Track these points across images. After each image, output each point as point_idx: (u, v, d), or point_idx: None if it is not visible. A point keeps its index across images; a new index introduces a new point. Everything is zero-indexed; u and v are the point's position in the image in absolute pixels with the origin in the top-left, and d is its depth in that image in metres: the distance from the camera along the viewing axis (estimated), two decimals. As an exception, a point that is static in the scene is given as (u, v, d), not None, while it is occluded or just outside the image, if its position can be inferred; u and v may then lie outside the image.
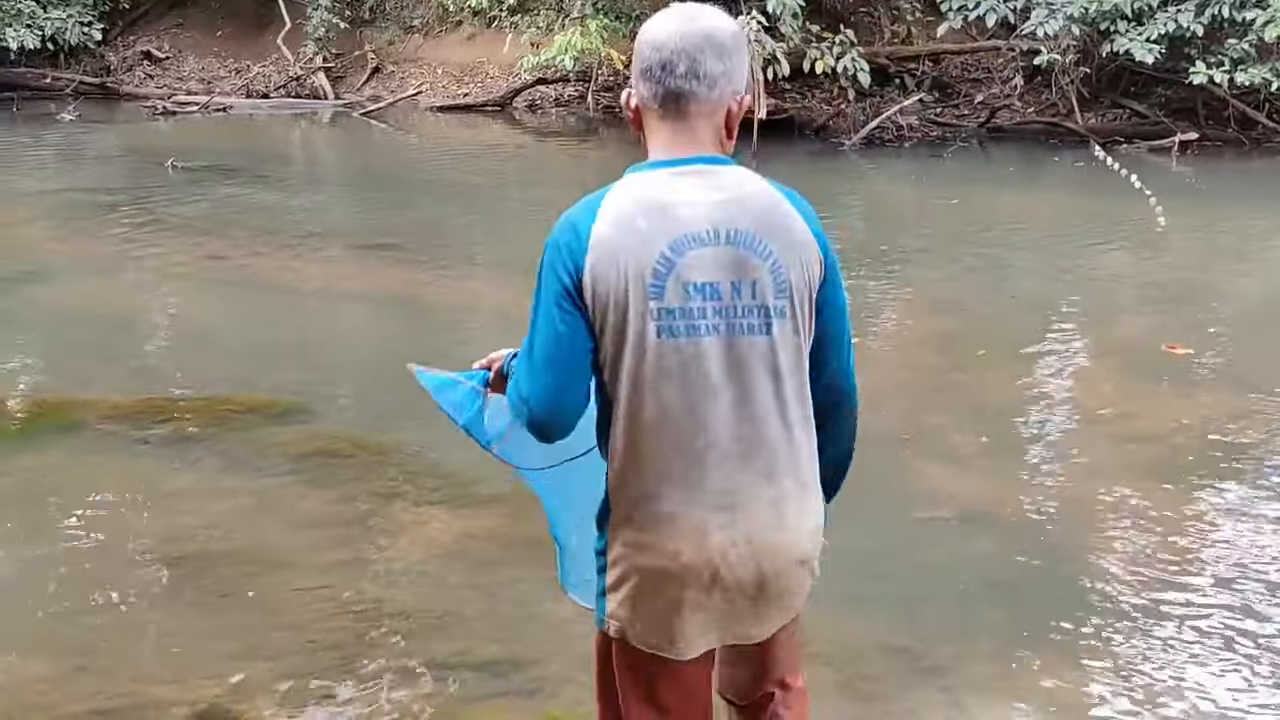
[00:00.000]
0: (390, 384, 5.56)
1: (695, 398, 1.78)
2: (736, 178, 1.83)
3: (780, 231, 1.80)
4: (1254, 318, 6.78)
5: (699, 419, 1.78)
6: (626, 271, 1.76)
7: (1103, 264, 7.94)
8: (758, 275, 1.78)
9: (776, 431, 1.82)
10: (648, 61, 1.81)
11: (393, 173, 12.08)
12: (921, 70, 13.94)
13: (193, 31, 18.34)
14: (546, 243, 1.81)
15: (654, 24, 1.82)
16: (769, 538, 1.82)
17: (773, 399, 1.81)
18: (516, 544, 3.87)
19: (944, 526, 3.95)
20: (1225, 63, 11.69)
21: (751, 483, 1.81)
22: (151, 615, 3.46)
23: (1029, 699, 3.03)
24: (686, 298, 1.76)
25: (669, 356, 1.77)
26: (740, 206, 1.80)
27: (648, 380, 1.77)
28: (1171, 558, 3.71)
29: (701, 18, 1.81)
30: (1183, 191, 10.22)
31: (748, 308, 1.78)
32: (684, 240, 1.77)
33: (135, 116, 15.58)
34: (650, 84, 1.81)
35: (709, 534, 1.80)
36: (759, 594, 1.84)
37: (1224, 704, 3.00)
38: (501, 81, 15.99)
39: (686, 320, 1.76)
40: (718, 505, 1.80)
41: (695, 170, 1.82)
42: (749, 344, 1.79)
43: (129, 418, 4.88)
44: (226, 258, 7.99)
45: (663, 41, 1.79)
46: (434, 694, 3.04)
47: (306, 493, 4.24)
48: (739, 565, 1.81)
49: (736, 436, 1.80)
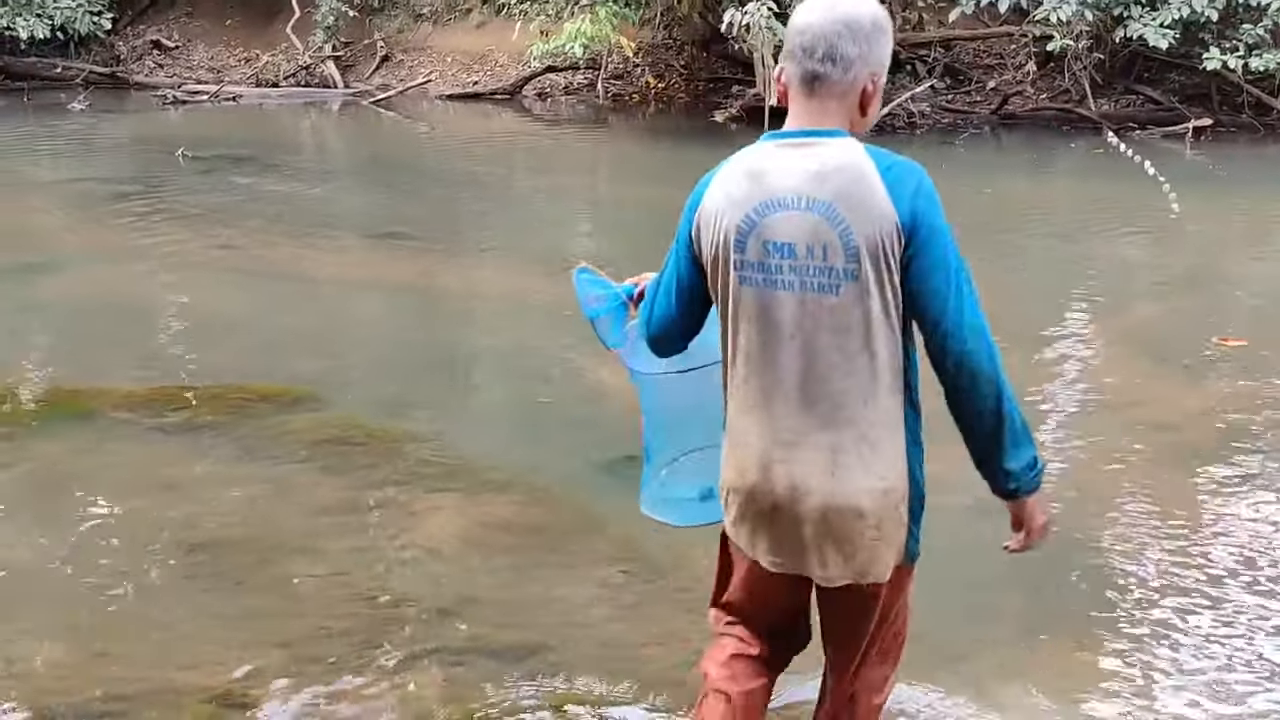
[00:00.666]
0: (403, 372, 5.58)
1: (769, 340, 2.01)
2: (838, 150, 1.97)
3: (857, 203, 1.94)
4: (1269, 303, 6.74)
5: (770, 360, 2.01)
6: (722, 226, 2.02)
7: (1117, 250, 7.90)
8: (829, 240, 1.95)
9: (840, 385, 1.98)
10: (792, 44, 2.00)
11: (403, 161, 12.09)
12: (933, 57, 13.87)
13: (202, 20, 18.36)
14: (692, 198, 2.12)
15: (802, 9, 2.01)
16: (821, 482, 2.00)
17: (837, 353, 1.97)
18: (530, 530, 3.88)
19: (958, 513, 3.94)
20: (1240, 48, 11.60)
21: (811, 428, 2.00)
22: (167, 602, 3.47)
23: (1049, 683, 3.02)
24: (765, 254, 1.99)
25: (750, 302, 2.01)
26: (828, 178, 1.95)
27: (739, 319, 2.04)
28: (1187, 543, 3.70)
29: (844, 4, 1.97)
30: (1197, 178, 10.15)
31: (819, 268, 1.96)
32: (769, 204, 1.98)
33: (145, 106, 15.61)
34: (793, 64, 2.00)
35: (771, 465, 2.03)
36: (816, 532, 2.02)
37: (1241, 686, 2.99)
38: (511, 69, 15.96)
39: (764, 274, 1.99)
40: (780, 441, 2.02)
41: (801, 142, 1.99)
42: (818, 301, 1.97)
43: (143, 406, 4.89)
44: (238, 247, 8.00)
45: (805, 26, 1.98)
46: (449, 679, 3.05)
47: (320, 480, 4.24)
48: (795, 501, 2.02)
49: (800, 383, 2.00)
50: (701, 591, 3.43)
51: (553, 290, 6.96)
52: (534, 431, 4.80)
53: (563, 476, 4.28)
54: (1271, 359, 5.50)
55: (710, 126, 13.35)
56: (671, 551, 3.69)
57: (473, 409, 5.19)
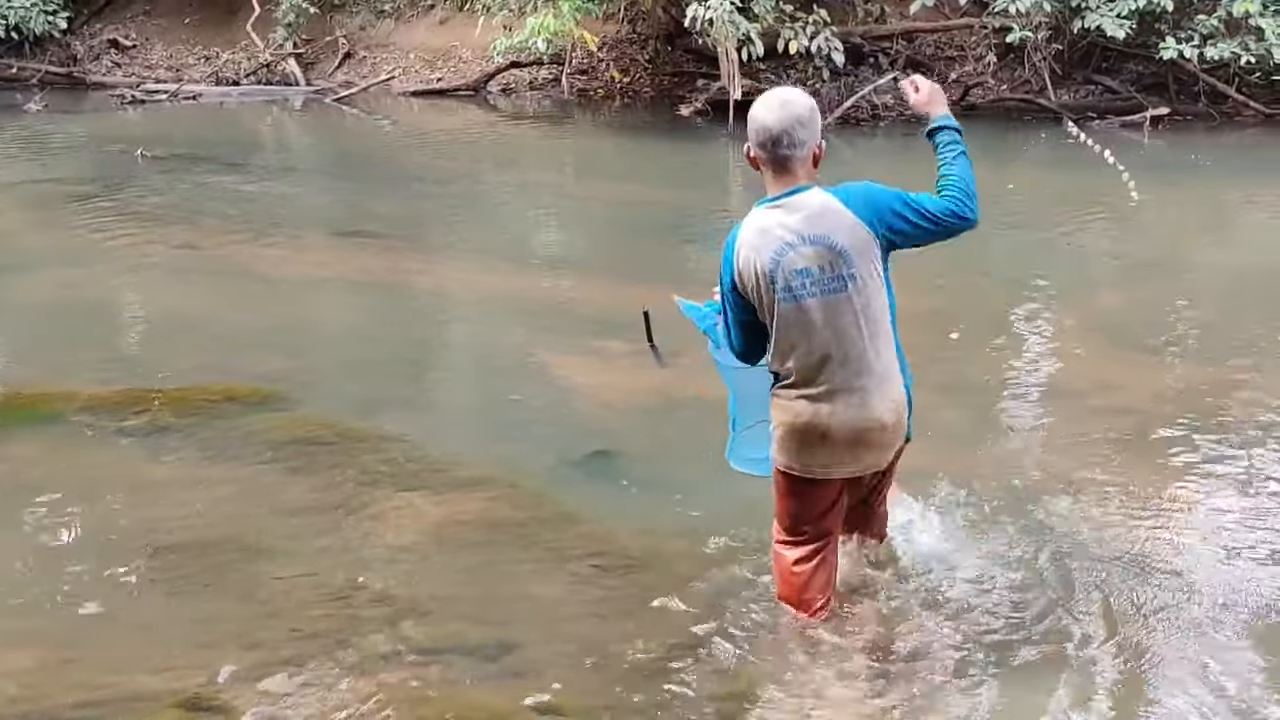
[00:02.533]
0: (371, 370, 5.55)
1: (808, 334, 2.93)
2: (811, 200, 2.90)
3: (836, 225, 2.88)
4: (1228, 289, 6.84)
5: (810, 346, 2.93)
6: (755, 272, 2.92)
7: (1078, 239, 7.99)
8: (831, 259, 2.88)
9: (860, 349, 2.92)
10: (761, 138, 2.90)
11: (367, 159, 12.01)
12: (895, 49, 13.94)
13: (160, 19, 18.13)
14: (724, 254, 3.00)
15: (761, 111, 2.90)
16: (856, 413, 2.95)
17: (856, 330, 2.91)
18: (500, 527, 3.88)
19: (926, 501, 3.97)
20: (1195, 38, 11.75)
21: (847, 380, 2.93)
22: (134, 606, 3.44)
23: (1014, 665, 3.06)
24: (790, 279, 2.89)
25: (790, 314, 2.92)
26: (812, 219, 2.89)
27: (782, 328, 2.93)
28: (1152, 525, 3.75)
29: (790, 103, 2.90)
30: (1155, 166, 10.27)
31: (831, 278, 2.89)
32: (781, 248, 2.89)
33: (103, 106, 15.41)
34: (764, 151, 2.91)
35: (819, 409, 2.95)
36: (854, 445, 2.98)
37: (1218, 668, 3.04)
38: (475, 65, 15.89)
39: (795, 293, 2.90)
40: (825, 394, 2.94)
41: (786, 203, 2.92)
42: (836, 300, 2.90)
43: (106, 409, 4.84)
44: (201, 247, 7.93)
45: (766, 127, 2.88)
46: (421, 679, 3.04)
47: (288, 480, 4.22)
48: (839, 428, 2.95)
49: (834, 355, 2.92)
50: (672, 585, 3.46)
51: (519, 287, 6.95)
52: (503, 428, 4.79)
53: (532, 472, 4.28)
54: (1231, 343, 5.59)
55: (676, 120, 13.36)
56: (642, 546, 3.70)
57: (441, 406, 5.17)
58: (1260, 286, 6.80)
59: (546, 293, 6.77)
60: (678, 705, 2.94)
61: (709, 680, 3.03)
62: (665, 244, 8.17)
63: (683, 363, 5.38)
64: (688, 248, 8.14)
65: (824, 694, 2.98)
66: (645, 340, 5.40)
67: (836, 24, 12.74)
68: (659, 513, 3.91)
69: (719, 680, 3.03)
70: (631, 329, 5.51)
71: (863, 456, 3.00)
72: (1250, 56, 11.66)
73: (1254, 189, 9.80)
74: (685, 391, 4.98)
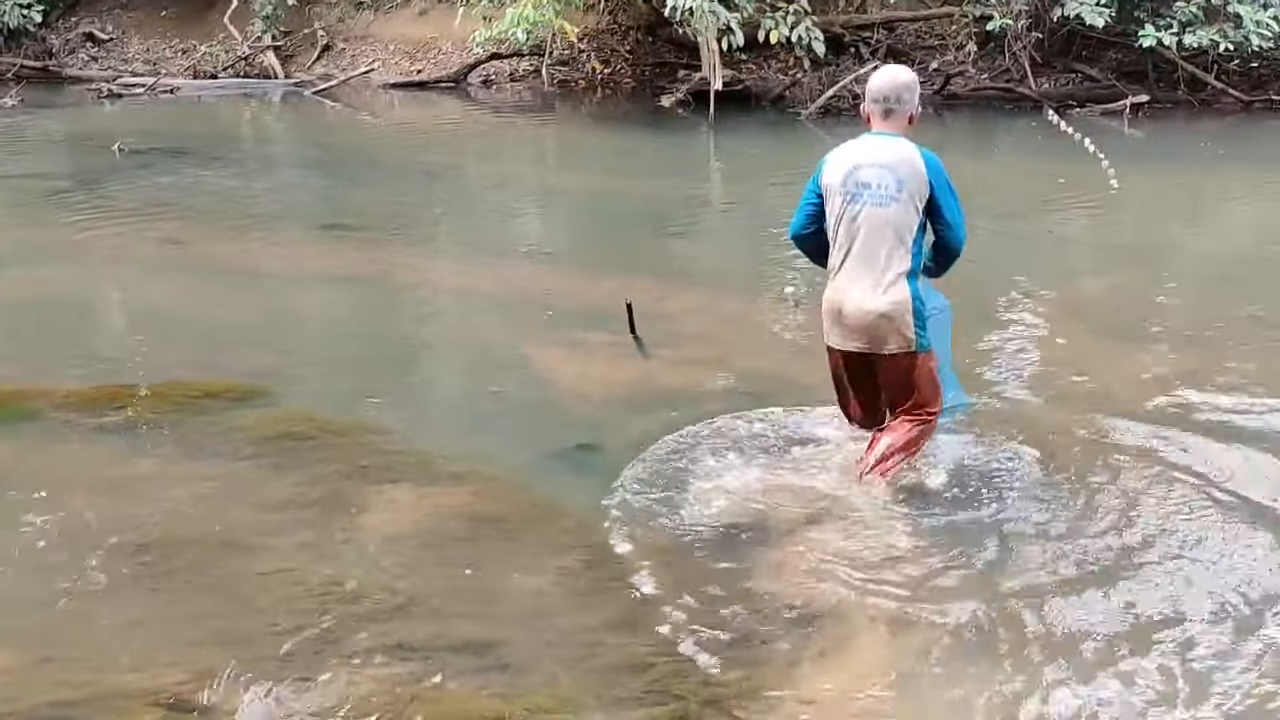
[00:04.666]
0: (353, 364, 5.52)
1: (852, 230, 3.80)
2: (898, 144, 3.80)
3: (905, 164, 3.75)
4: (1207, 276, 6.88)
5: (852, 243, 3.81)
6: (836, 173, 3.83)
7: (1059, 227, 8.02)
8: (888, 180, 3.74)
9: (882, 256, 3.77)
10: (873, 95, 3.86)
11: (347, 152, 11.95)
12: (876, 38, 13.95)
13: (136, 12, 17.99)
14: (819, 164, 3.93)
15: (877, 76, 3.91)
16: (861, 302, 3.79)
17: (882, 240, 3.77)
18: (484, 521, 3.87)
19: (907, 493, 3.98)
20: (1174, 25, 11.80)
21: (861, 277, 3.79)
22: (114, 604, 3.41)
23: (996, 653, 3.07)
24: (857, 186, 3.78)
25: (847, 212, 3.80)
26: (891, 152, 3.78)
27: (840, 221, 3.82)
28: (1135, 510, 3.77)
29: (899, 73, 3.92)
30: (1135, 154, 10.32)
31: (883, 195, 3.75)
32: (859, 163, 3.80)
33: (80, 100, 15.28)
34: (875, 105, 3.86)
35: (840, 295, 3.83)
36: (860, 326, 3.81)
37: (1193, 649, 3.06)
38: (455, 57, 15.83)
39: (855, 195, 3.78)
40: (846, 284, 3.82)
41: (880, 138, 3.84)
42: (882, 210, 3.76)
43: (86, 406, 4.80)
44: (180, 241, 7.87)
45: (880, 87, 3.85)
46: (405, 674, 3.02)
47: (270, 476, 4.19)
48: (851, 313, 3.81)
49: (863, 254, 3.79)
50: (658, 578, 3.46)
51: (501, 279, 6.93)
52: (486, 422, 4.77)
53: (516, 466, 4.27)
54: (1211, 329, 5.62)
55: (657, 112, 13.33)
56: (626, 538, 3.69)
57: (424, 400, 5.15)
58: (1239, 272, 6.84)
59: (528, 285, 6.75)
60: (666, 698, 2.94)
61: (697, 672, 3.03)
62: (647, 235, 8.16)
63: (664, 354, 5.38)
64: (669, 239, 8.13)
65: (813, 684, 2.99)
66: (627, 332, 5.41)
67: (817, 13, 12.74)
68: (643, 505, 3.90)
69: (707, 671, 3.03)
70: (614, 321, 5.51)
71: (866, 337, 3.81)
72: (1228, 44, 11.72)
73: (1233, 176, 9.86)
74: (667, 383, 4.97)
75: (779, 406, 4.59)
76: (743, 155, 11.40)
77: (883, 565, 3.52)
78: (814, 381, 4.88)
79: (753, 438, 4.34)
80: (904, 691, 2.99)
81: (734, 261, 7.62)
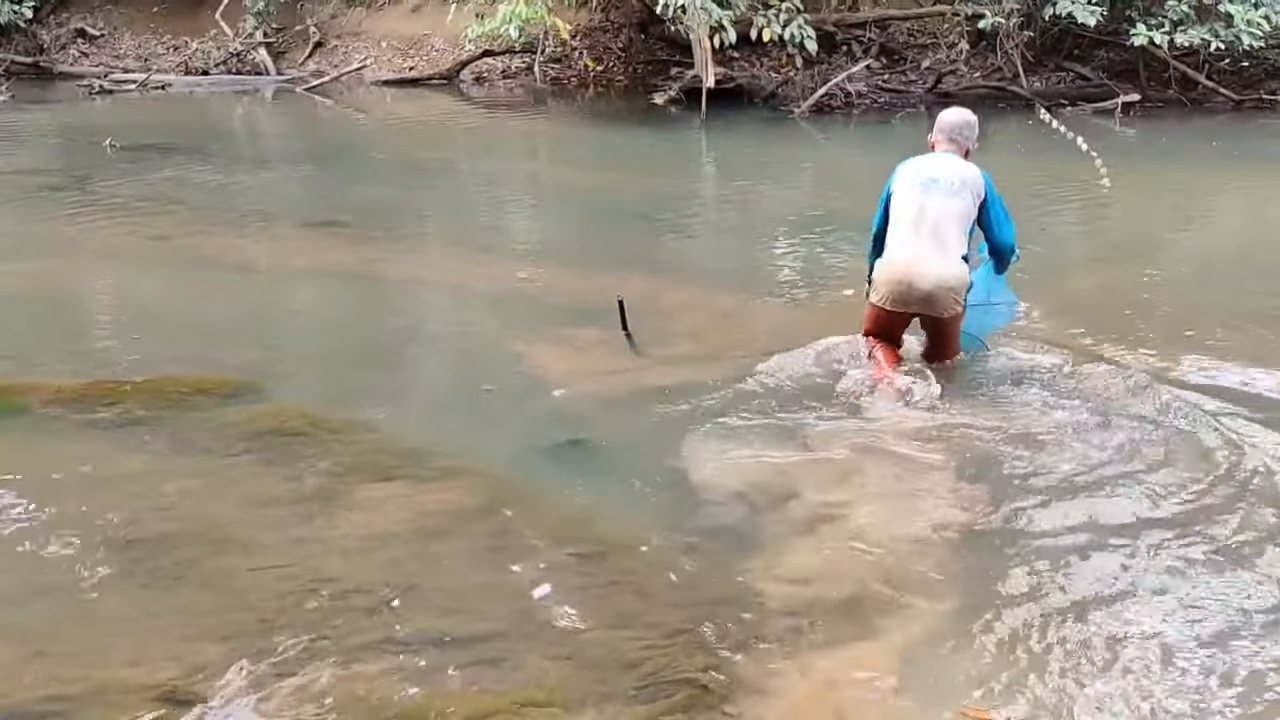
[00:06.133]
0: (344, 360, 5.51)
1: (922, 215, 4.69)
2: (959, 161, 4.82)
3: (967, 174, 4.74)
4: (1198, 274, 6.90)
5: (922, 226, 4.68)
6: (911, 173, 4.78)
7: (1051, 225, 8.03)
8: (954, 179, 4.71)
9: (946, 239, 4.67)
10: (942, 126, 4.90)
11: (339, 149, 11.93)
12: (868, 36, 13.97)
13: (128, 8, 17.94)
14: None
15: (948, 113, 4.96)
16: (929, 273, 4.64)
17: (946, 228, 4.67)
18: (475, 516, 3.87)
19: (899, 486, 3.99)
20: (1165, 24, 11.84)
21: (930, 254, 4.65)
22: (106, 600, 3.41)
23: (975, 642, 3.09)
24: (929, 180, 4.71)
25: (915, 199, 4.71)
26: (955, 163, 4.79)
27: (905, 208, 4.72)
28: (1118, 500, 3.79)
29: (965, 113, 4.97)
30: (1127, 152, 10.35)
31: (949, 190, 4.69)
32: (930, 165, 4.78)
33: (71, 96, 15.24)
34: (942, 134, 4.89)
35: (913, 268, 4.66)
36: (926, 294, 4.66)
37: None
38: (447, 54, 15.82)
39: (927, 187, 4.70)
40: (916, 258, 4.67)
41: (946, 156, 4.83)
42: (948, 203, 4.68)
43: (75, 401, 4.78)
44: (172, 237, 7.85)
45: (952, 120, 4.89)
46: (397, 670, 3.03)
47: (260, 472, 4.19)
48: (918, 280, 4.65)
49: (935, 236, 4.67)
50: (648, 572, 3.46)
51: (492, 275, 6.92)
52: (476, 417, 4.78)
53: (506, 462, 4.27)
54: (1198, 327, 5.64)
55: (649, 109, 13.34)
56: (617, 533, 3.70)
57: (414, 396, 5.15)
58: (1231, 270, 6.86)
59: (520, 281, 6.75)
60: (656, 694, 2.94)
61: (688, 666, 3.03)
62: (639, 232, 8.16)
63: (656, 350, 5.39)
64: (662, 236, 8.13)
65: (806, 679, 3.00)
66: (619, 328, 5.42)
67: (809, 11, 12.75)
68: (633, 500, 3.91)
69: (698, 665, 3.04)
70: (605, 317, 5.51)
71: (927, 304, 4.67)
72: (1220, 43, 11.76)
73: (1224, 175, 9.90)
74: (658, 379, 4.97)
75: (772, 401, 4.60)
76: (735, 153, 11.40)
77: (881, 560, 3.53)
78: (806, 378, 4.90)
79: (745, 430, 4.35)
80: (902, 687, 2.99)
81: (726, 258, 7.62)
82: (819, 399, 4.65)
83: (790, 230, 7.93)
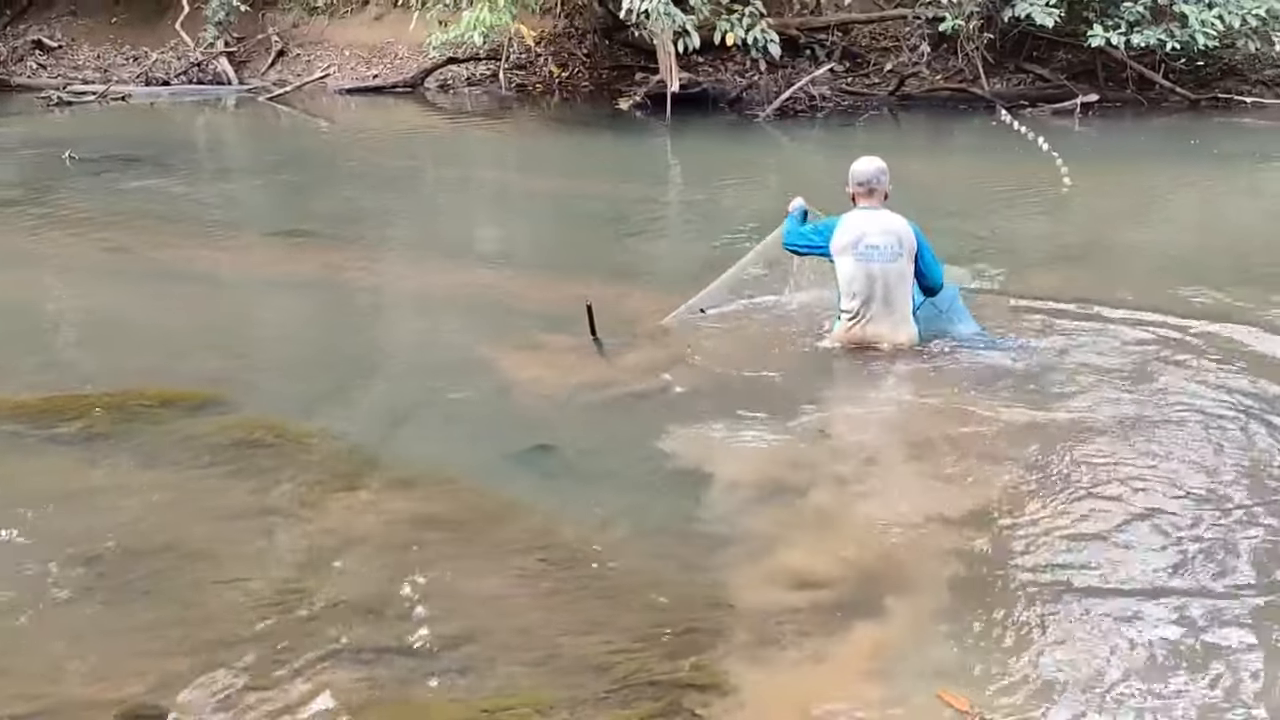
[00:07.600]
0: (310, 370, 5.48)
1: (871, 285, 5.00)
2: (887, 214, 5.08)
3: (898, 230, 5.02)
4: (1157, 271, 6.98)
5: (870, 294, 5.00)
6: (847, 239, 5.02)
7: (1012, 225, 8.11)
8: (890, 243, 4.99)
9: (895, 302, 5.02)
10: (859, 179, 5.13)
11: (303, 158, 11.86)
12: (831, 40, 14.06)
13: (86, 19, 17.76)
14: (825, 222, 5.21)
15: (860, 164, 5.15)
16: (886, 340, 5.01)
17: (893, 292, 5.01)
18: (443, 524, 3.86)
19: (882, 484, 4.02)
20: (1121, 25, 12.00)
21: (884, 316, 5.01)
22: (69, 615, 3.37)
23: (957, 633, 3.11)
24: (868, 249, 4.99)
25: (860, 270, 5.00)
26: (886, 225, 5.02)
27: (855, 280, 5.02)
28: (1109, 494, 3.83)
29: (875, 162, 5.16)
30: (1086, 152, 10.47)
31: (889, 254, 4.99)
32: (865, 231, 5.01)
33: (29, 108, 15.06)
34: (860, 187, 5.13)
35: (870, 331, 5.02)
36: (885, 352, 4.93)
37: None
38: (411, 62, 15.77)
39: (868, 257, 4.99)
40: (871, 322, 5.01)
41: (872, 212, 5.07)
42: (890, 266, 4.99)
43: (35, 416, 4.73)
44: (133, 249, 7.78)
45: (862, 171, 5.14)
46: (367, 680, 3.01)
47: (227, 484, 4.15)
48: (876, 344, 5.00)
49: (884, 299, 5.00)
50: (618, 576, 3.46)
51: (459, 283, 6.90)
52: (444, 425, 4.76)
53: (474, 468, 4.26)
54: (1159, 324, 5.70)
55: (615, 114, 13.35)
56: (587, 538, 3.70)
57: (382, 405, 5.12)
58: (1190, 265, 6.95)
59: (487, 288, 6.73)
60: (628, 698, 2.94)
61: (660, 669, 3.03)
62: (605, 237, 8.17)
63: (624, 355, 5.39)
64: (628, 240, 8.14)
65: (780, 682, 3.01)
66: (587, 333, 5.42)
67: (772, 15, 12.82)
68: (603, 504, 3.91)
69: (671, 668, 3.04)
70: (573, 322, 5.51)
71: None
72: (1175, 43, 11.93)
73: (1182, 172, 10.03)
74: (626, 384, 4.98)
75: (741, 403, 4.61)
76: (700, 156, 11.44)
77: (853, 559, 3.55)
78: (773, 379, 4.92)
79: (714, 433, 4.36)
80: (875, 683, 3.01)
81: (693, 262, 7.63)
82: (788, 399, 4.68)
83: (755, 232, 7.96)
